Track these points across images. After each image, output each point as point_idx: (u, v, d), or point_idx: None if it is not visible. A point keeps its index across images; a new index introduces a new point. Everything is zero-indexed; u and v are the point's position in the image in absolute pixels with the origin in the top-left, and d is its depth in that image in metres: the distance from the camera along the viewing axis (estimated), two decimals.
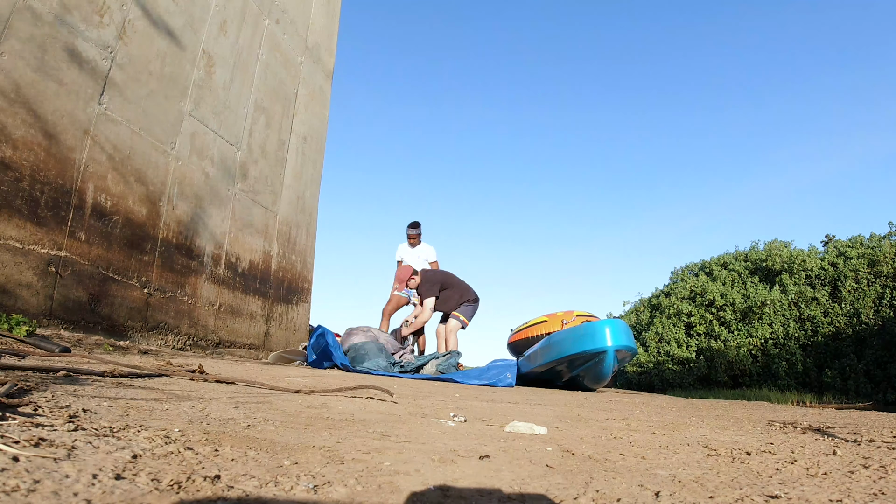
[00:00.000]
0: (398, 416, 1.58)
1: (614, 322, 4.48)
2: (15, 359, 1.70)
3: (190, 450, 0.85)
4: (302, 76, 5.70)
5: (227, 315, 4.50)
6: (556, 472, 0.94)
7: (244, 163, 4.76)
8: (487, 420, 1.69)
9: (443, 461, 0.97)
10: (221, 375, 2.06)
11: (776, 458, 1.16)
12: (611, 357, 4.31)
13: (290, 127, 5.49)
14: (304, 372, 3.33)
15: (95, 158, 3.27)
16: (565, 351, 4.51)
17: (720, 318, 12.39)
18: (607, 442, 1.35)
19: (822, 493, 0.83)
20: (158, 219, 3.77)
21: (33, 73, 2.90)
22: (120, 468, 0.69)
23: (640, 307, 15.40)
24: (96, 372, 1.60)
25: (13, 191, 2.78)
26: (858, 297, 10.47)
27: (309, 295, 5.82)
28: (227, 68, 4.51)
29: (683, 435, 1.55)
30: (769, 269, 12.60)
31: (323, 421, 1.36)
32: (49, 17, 2.99)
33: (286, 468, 0.81)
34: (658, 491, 0.82)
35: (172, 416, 1.14)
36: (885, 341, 9.53)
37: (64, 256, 3.05)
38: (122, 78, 3.46)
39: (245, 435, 1.04)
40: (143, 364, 2.19)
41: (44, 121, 2.96)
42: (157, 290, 3.75)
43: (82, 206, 3.18)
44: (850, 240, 12.10)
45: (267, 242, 5.09)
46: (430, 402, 2.17)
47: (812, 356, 10.64)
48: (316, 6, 5.98)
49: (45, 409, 0.99)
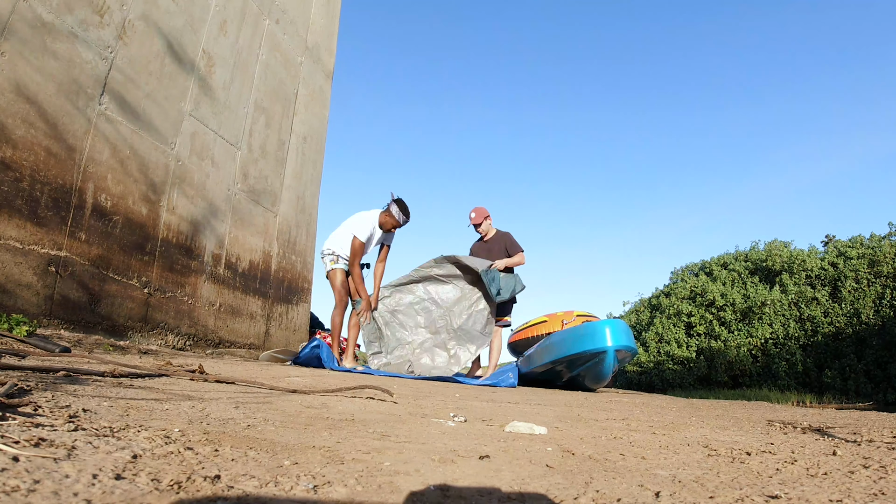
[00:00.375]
0: (398, 416, 1.58)
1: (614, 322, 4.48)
2: (15, 359, 1.70)
3: (190, 450, 0.85)
4: (302, 76, 5.70)
5: (227, 315, 4.50)
6: (556, 472, 0.94)
7: (244, 163, 4.76)
8: (487, 420, 1.69)
9: (443, 461, 0.97)
10: (221, 375, 2.06)
11: (776, 458, 1.16)
12: (611, 357, 4.31)
13: (290, 127, 5.49)
14: (303, 372, 3.33)
15: (95, 158, 3.27)
16: (565, 351, 4.51)
17: (720, 318, 12.39)
18: (607, 442, 1.35)
19: (822, 494, 0.83)
20: (158, 219, 3.77)
21: (33, 72, 2.90)
22: (120, 468, 0.69)
23: (640, 307, 15.41)
24: (96, 372, 1.60)
25: (13, 191, 2.78)
26: (858, 297, 10.47)
27: (309, 295, 5.82)
28: (227, 68, 4.51)
29: (683, 435, 1.55)
30: (769, 269, 12.60)
31: (323, 421, 1.36)
32: (49, 17, 2.99)
33: (286, 468, 0.81)
34: (658, 491, 0.82)
35: (172, 416, 1.14)
36: (885, 341, 9.54)
37: (64, 256, 3.05)
38: (121, 78, 3.46)
39: (245, 435, 1.04)
40: (143, 364, 2.19)
41: (44, 121, 2.96)
42: (157, 290, 3.75)
43: (82, 206, 3.18)
44: (850, 240, 12.10)
45: (267, 242, 5.09)
46: (430, 402, 2.17)
47: (812, 356, 10.64)
48: (316, 6, 5.98)
49: (45, 409, 0.99)
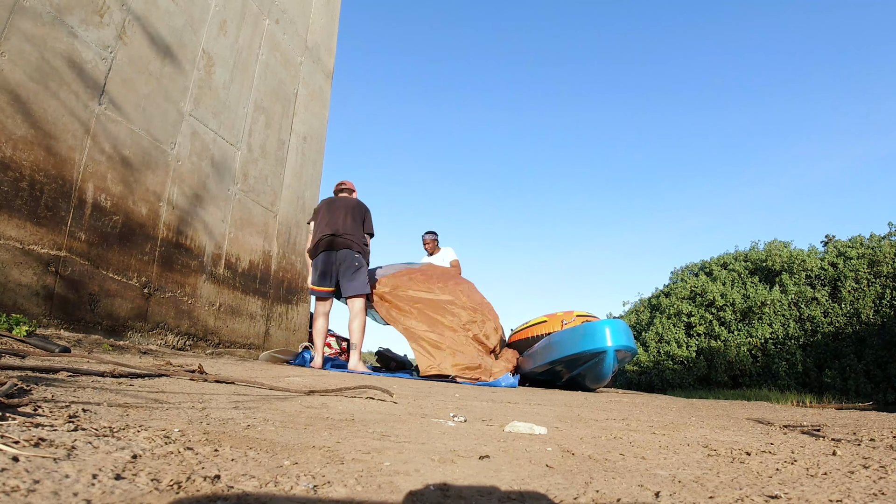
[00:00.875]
0: (398, 416, 1.58)
1: (614, 322, 4.48)
2: (15, 359, 1.70)
3: (190, 450, 0.85)
4: (302, 76, 5.70)
5: (227, 315, 4.50)
6: (556, 472, 0.94)
7: (244, 163, 4.76)
8: (487, 420, 1.69)
9: (443, 461, 0.97)
10: (221, 375, 2.06)
11: (776, 458, 1.16)
12: (611, 357, 4.31)
13: (290, 127, 5.48)
14: (304, 372, 3.33)
15: (95, 158, 3.27)
16: (565, 351, 4.51)
17: (720, 318, 12.39)
18: (607, 442, 1.35)
19: (822, 494, 0.83)
20: (158, 219, 3.77)
21: (33, 72, 2.90)
22: (120, 468, 0.69)
23: (640, 307, 15.41)
24: (96, 372, 1.60)
25: (13, 191, 2.78)
26: (858, 297, 10.47)
27: (309, 295, 5.82)
28: (226, 68, 4.51)
29: (683, 435, 1.55)
30: (769, 269, 12.60)
31: (323, 421, 1.36)
32: (48, 17, 2.99)
33: (286, 468, 0.81)
34: (658, 491, 0.82)
35: (172, 416, 1.14)
36: (885, 341, 9.54)
37: (64, 256, 3.05)
38: (121, 78, 3.46)
39: (245, 435, 1.04)
40: (143, 364, 2.19)
41: (44, 121, 2.96)
42: (156, 290, 3.75)
43: (82, 206, 3.18)
44: (850, 240, 12.10)
45: (267, 242, 5.09)
46: (430, 402, 2.17)
47: (812, 356, 10.64)
48: (316, 6, 5.98)
49: (45, 409, 0.99)
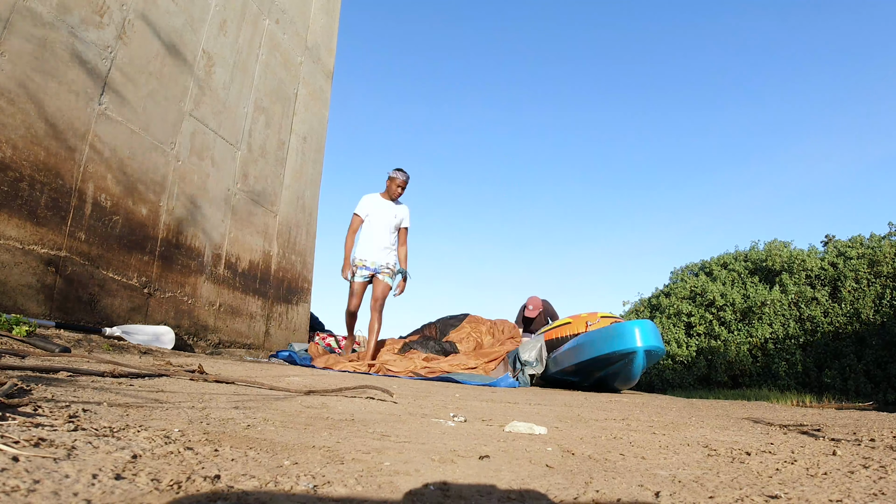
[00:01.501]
0: (398, 416, 1.58)
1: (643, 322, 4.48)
2: (15, 359, 1.70)
3: (190, 450, 0.85)
4: (302, 76, 5.70)
5: (227, 315, 4.50)
6: (556, 472, 0.94)
7: (244, 163, 4.76)
8: (487, 420, 1.69)
9: (443, 461, 0.97)
10: (221, 375, 2.06)
11: (776, 458, 1.16)
12: (640, 357, 4.33)
13: (290, 127, 5.48)
14: (304, 372, 3.33)
15: (95, 158, 3.27)
16: (595, 352, 4.52)
17: (720, 318, 12.38)
18: (607, 442, 1.35)
19: (822, 493, 0.83)
20: (158, 219, 3.77)
21: (33, 72, 2.90)
22: (120, 468, 0.69)
23: (640, 307, 15.40)
24: (96, 372, 1.60)
25: (13, 191, 2.78)
26: (858, 297, 10.47)
27: (309, 295, 5.82)
28: (226, 68, 4.51)
29: (683, 435, 1.55)
30: (769, 269, 12.60)
31: (323, 421, 1.36)
32: (49, 18, 2.99)
33: (286, 468, 0.81)
34: (658, 491, 0.82)
35: (172, 416, 1.14)
36: (885, 341, 9.53)
37: (64, 256, 3.05)
38: (121, 78, 3.46)
39: (245, 435, 1.04)
40: (143, 364, 2.20)
41: (44, 121, 2.96)
42: (156, 290, 3.75)
43: (82, 206, 3.18)
44: (850, 240, 12.09)
45: (267, 242, 5.09)
46: (430, 402, 2.17)
47: (812, 356, 10.63)
48: (316, 6, 5.98)
49: (45, 409, 0.99)
